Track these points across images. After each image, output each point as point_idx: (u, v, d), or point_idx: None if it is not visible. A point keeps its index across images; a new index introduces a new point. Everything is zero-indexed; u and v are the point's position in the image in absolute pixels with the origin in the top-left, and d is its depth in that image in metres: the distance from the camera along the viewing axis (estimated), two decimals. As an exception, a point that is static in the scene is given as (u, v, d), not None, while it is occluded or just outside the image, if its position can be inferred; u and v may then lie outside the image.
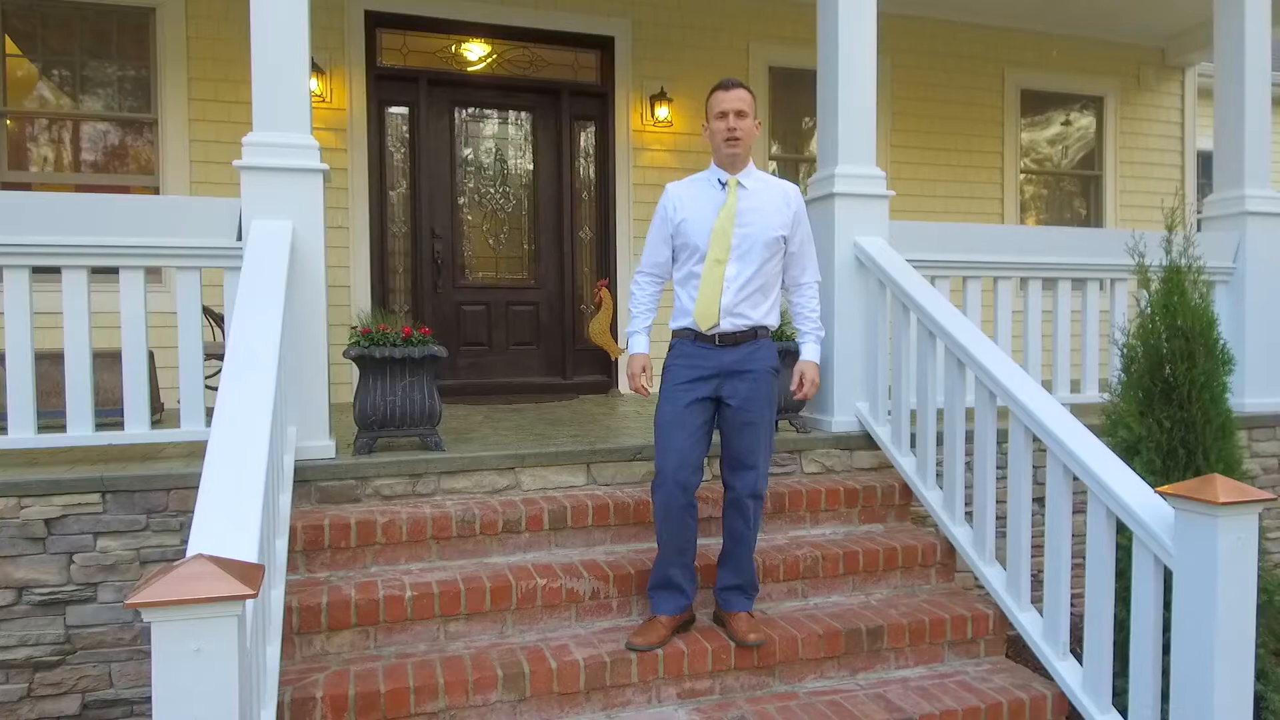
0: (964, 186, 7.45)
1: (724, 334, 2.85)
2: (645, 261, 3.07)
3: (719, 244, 2.83)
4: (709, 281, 2.83)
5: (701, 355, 2.87)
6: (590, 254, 6.74)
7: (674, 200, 2.97)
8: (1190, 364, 3.28)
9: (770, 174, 3.04)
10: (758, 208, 2.89)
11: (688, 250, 2.91)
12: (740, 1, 6.79)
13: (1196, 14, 7.17)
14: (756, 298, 2.89)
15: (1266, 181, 4.91)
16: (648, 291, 3.08)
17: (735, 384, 2.86)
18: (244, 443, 2.22)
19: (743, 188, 2.90)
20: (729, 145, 2.86)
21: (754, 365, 2.88)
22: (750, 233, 2.86)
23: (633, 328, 3.06)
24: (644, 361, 3.01)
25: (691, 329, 2.89)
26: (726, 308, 2.83)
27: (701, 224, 2.87)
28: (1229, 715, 2.38)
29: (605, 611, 3.07)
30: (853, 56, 4.00)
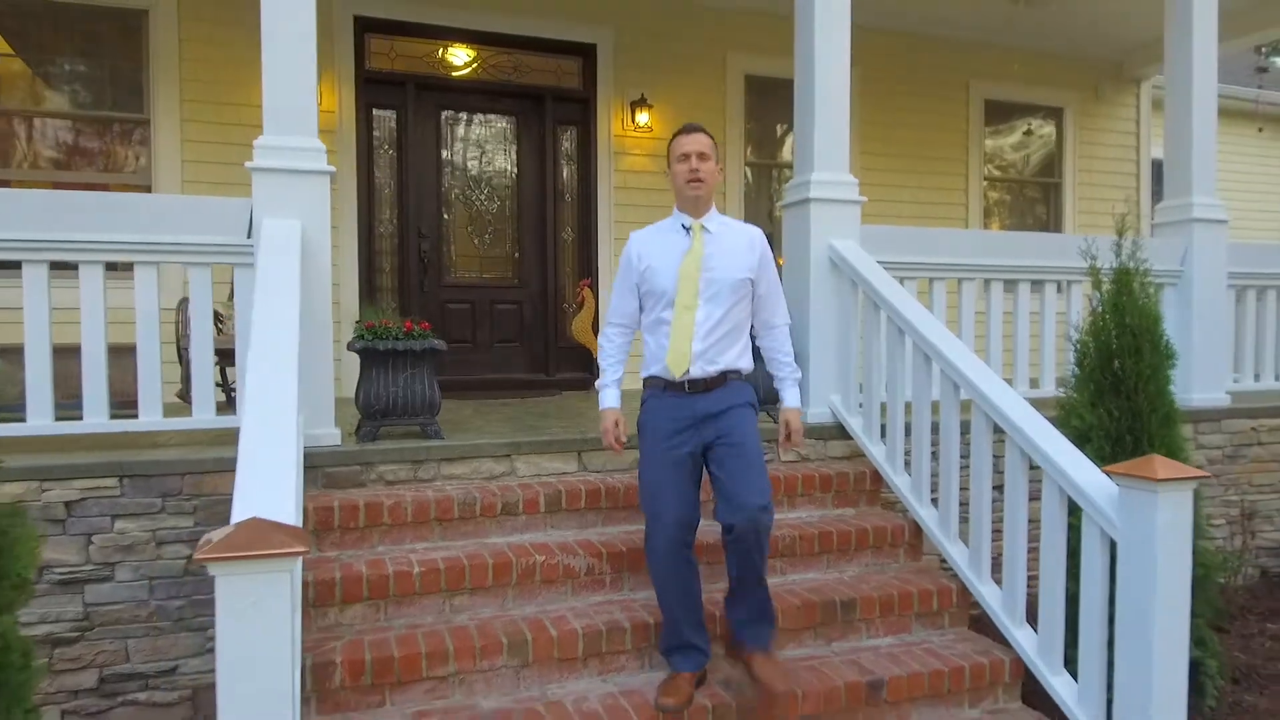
0: (930, 192, 7.76)
1: (694, 380, 2.81)
2: (613, 312, 3.03)
3: (686, 289, 2.80)
4: (679, 327, 2.80)
5: (676, 405, 2.83)
6: (572, 254, 6.96)
7: (638, 248, 2.93)
8: (1137, 358, 3.56)
9: (732, 217, 3.05)
10: (723, 251, 2.86)
11: (654, 296, 2.87)
12: (718, 13, 7.04)
13: (1152, 29, 7.51)
14: (726, 342, 2.85)
15: (1212, 190, 5.24)
16: (617, 343, 3.05)
17: (716, 423, 2.81)
18: (277, 425, 2.42)
19: (707, 231, 2.88)
20: (692, 187, 2.84)
21: (730, 402, 2.84)
22: (717, 276, 2.82)
23: (603, 380, 3.03)
24: (615, 416, 2.97)
25: (662, 377, 2.86)
26: (697, 353, 2.80)
27: (667, 270, 2.83)
28: (1167, 671, 2.64)
29: (599, 587, 3.28)
30: (828, 72, 4.26)
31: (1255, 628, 4.43)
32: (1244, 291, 5.48)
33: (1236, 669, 3.88)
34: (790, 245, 4.41)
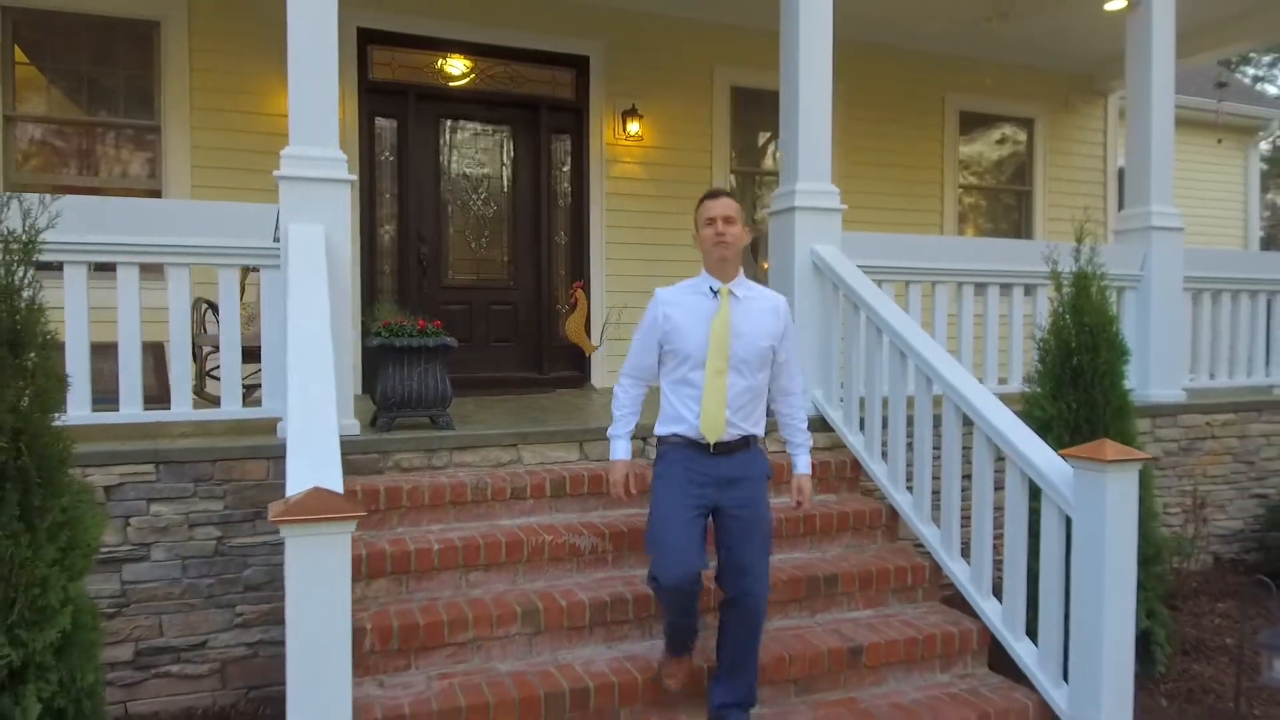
0: (907, 199, 8.10)
1: (720, 443, 2.87)
2: (630, 365, 3.07)
3: (718, 354, 2.84)
4: (712, 393, 2.84)
5: (698, 461, 2.87)
6: (566, 257, 7.23)
7: (664, 307, 2.95)
8: (1094, 355, 3.89)
9: (759, 284, 3.11)
10: (750, 318, 2.91)
11: (679, 356, 2.90)
12: (705, 27, 7.35)
13: (1118, 44, 7.76)
14: (749, 407, 2.91)
15: (1169, 199, 5.59)
16: (631, 395, 3.09)
17: (733, 491, 2.87)
18: (320, 417, 2.70)
19: (735, 297, 2.91)
20: (718, 248, 2.88)
21: (750, 472, 2.91)
22: (745, 343, 2.88)
23: (615, 431, 3.08)
24: (627, 469, 3.04)
25: (686, 436, 2.89)
26: (727, 419, 2.86)
27: (694, 332, 2.87)
28: (1116, 633, 2.96)
29: (602, 564, 3.57)
30: (812, 89, 4.57)
31: (1206, 607, 4.78)
32: (1200, 295, 5.83)
33: (1187, 642, 4.21)
34: (776, 250, 4.72)
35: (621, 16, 7.09)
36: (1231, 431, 5.73)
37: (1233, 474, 5.72)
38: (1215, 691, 3.71)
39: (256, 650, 3.68)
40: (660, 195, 7.25)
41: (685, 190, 7.36)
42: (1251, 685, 3.67)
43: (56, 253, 3.56)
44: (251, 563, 3.68)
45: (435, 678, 2.98)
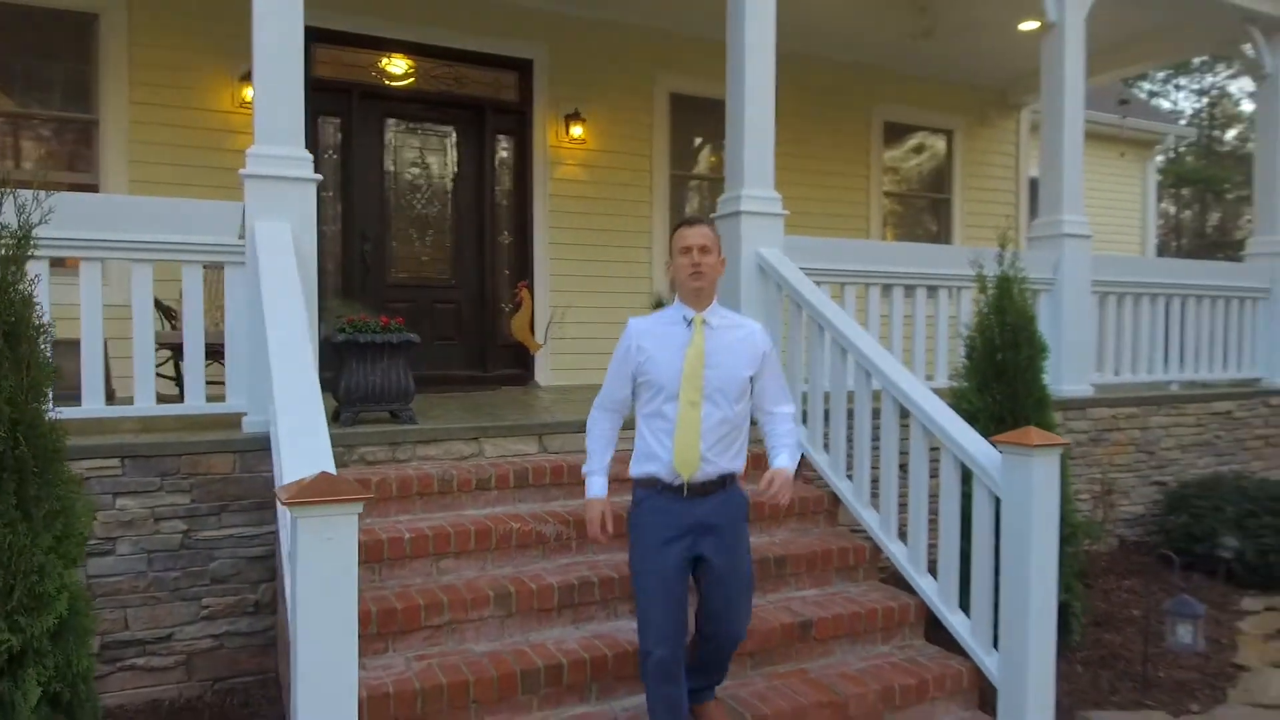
0: (836, 205, 8.45)
1: (693, 484, 2.78)
2: (605, 397, 2.98)
3: (691, 385, 2.76)
4: (685, 425, 2.75)
5: (671, 510, 2.78)
6: (509, 257, 7.35)
7: (636, 337, 2.87)
8: (1016, 351, 4.22)
9: (736, 312, 3.06)
10: (725, 347, 2.84)
11: (653, 388, 2.82)
12: (646, 35, 7.55)
13: (1031, 62, 8.31)
14: (726, 441, 2.82)
15: (1080, 209, 6.03)
16: (604, 427, 3.00)
17: (711, 539, 2.80)
18: (308, 405, 2.80)
19: (709, 326, 2.84)
20: (693, 279, 2.80)
21: (728, 517, 2.85)
22: (720, 373, 2.80)
23: (590, 466, 2.99)
24: (602, 507, 2.92)
25: (659, 478, 2.80)
26: (702, 454, 2.77)
27: (667, 363, 2.80)
28: (1041, 601, 3.26)
29: (567, 550, 3.73)
30: (756, 102, 4.82)
31: (1114, 584, 5.20)
32: (1106, 298, 6.30)
33: (1098, 615, 4.60)
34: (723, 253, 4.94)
35: (564, 22, 7.24)
36: (1135, 424, 6.21)
37: (1136, 463, 6.20)
38: (1125, 657, 4.09)
39: (222, 642, 3.73)
40: (602, 197, 7.44)
41: (627, 193, 7.58)
42: (1156, 651, 4.05)
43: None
44: (217, 556, 3.73)
45: (414, 659, 3.11)
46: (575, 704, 3.13)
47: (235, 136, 6.26)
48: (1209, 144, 36.73)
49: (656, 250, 7.67)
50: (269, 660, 3.80)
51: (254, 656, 3.78)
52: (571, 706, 3.11)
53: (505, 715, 3.01)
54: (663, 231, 7.71)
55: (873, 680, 3.39)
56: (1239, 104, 37.32)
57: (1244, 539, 5.28)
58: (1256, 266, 7.19)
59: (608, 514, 2.94)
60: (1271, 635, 4.53)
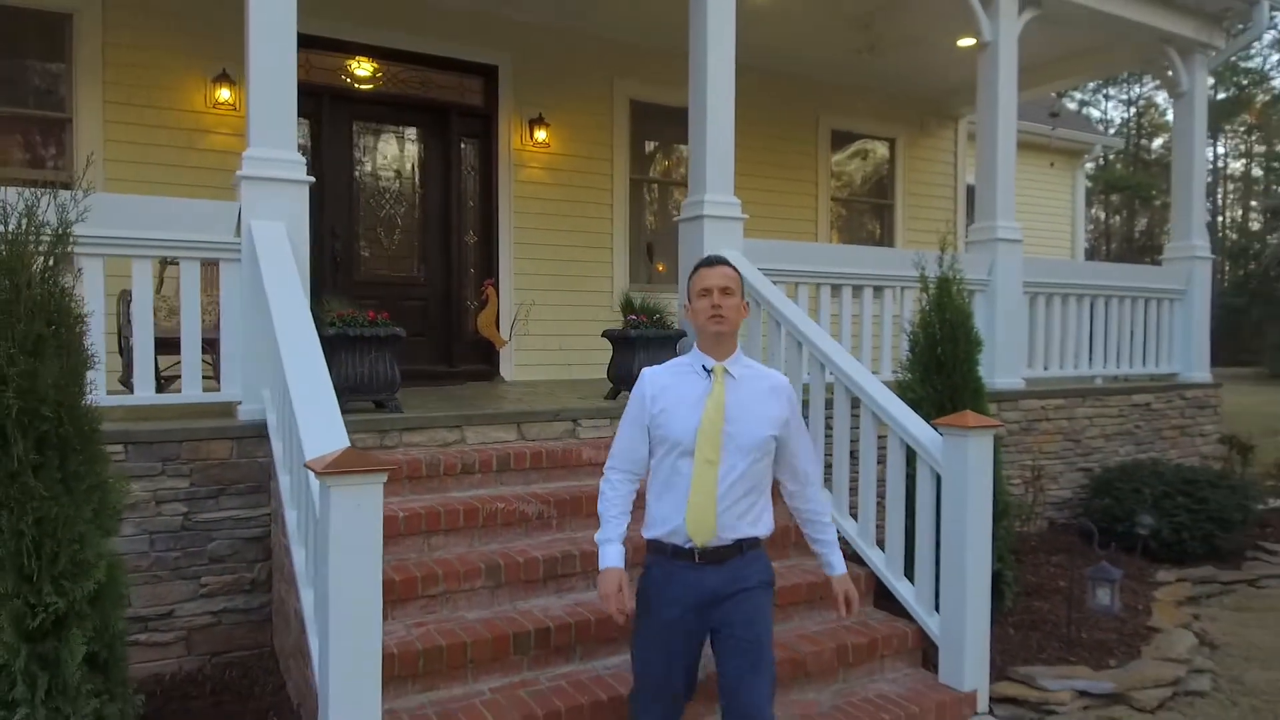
0: (787, 209, 8.86)
1: (706, 550, 2.55)
2: (619, 456, 2.72)
3: (709, 441, 2.53)
4: (701, 486, 2.52)
5: (683, 580, 2.56)
6: (475, 256, 7.59)
7: (651, 388, 2.66)
8: (955, 345, 4.63)
9: (757, 362, 2.78)
10: (748, 401, 2.61)
11: (667, 444, 2.59)
12: (607, 44, 7.86)
13: (967, 76, 8.86)
14: (745, 503, 2.58)
15: (1012, 215, 6.50)
16: (621, 492, 2.72)
17: (725, 607, 2.55)
18: (322, 391, 3.07)
19: (730, 376, 2.62)
20: (714, 323, 2.57)
21: (744, 582, 2.58)
22: (741, 429, 2.57)
23: (604, 534, 2.69)
24: (619, 578, 2.61)
25: (670, 542, 2.58)
26: (717, 517, 2.54)
27: (684, 416, 2.57)
28: (977, 568, 3.66)
29: (548, 528, 4.02)
30: (718, 113, 5.17)
31: (1043, 560, 5.66)
32: (1036, 298, 6.79)
33: (1029, 586, 5.04)
34: (685, 254, 5.28)
35: (528, 30, 7.51)
36: (1062, 414, 6.71)
37: (1063, 450, 6.70)
38: (1052, 621, 4.52)
39: (220, 619, 3.94)
40: (566, 199, 7.72)
41: (589, 195, 7.88)
42: (1080, 615, 4.49)
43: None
44: (216, 536, 3.94)
45: (412, 625, 3.37)
46: (562, 664, 3.42)
47: (209, 136, 6.42)
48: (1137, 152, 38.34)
49: (617, 251, 7.99)
50: (264, 635, 4.02)
51: (250, 632, 3.99)
52: (558, 666, 3.41)
53: (499, 674, 3.29)
54: (624, 232, 8.04)
55: (829, 640, 3.75)
56: (1165, 114, 39.04)
57: (1160, 518, 5.79)
58: (1173, 270, 7.77)
59: (626, 586, 2.61)
60: (1182, 602, 5.02)
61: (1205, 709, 3.72)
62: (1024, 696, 3.73)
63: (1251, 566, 5.85)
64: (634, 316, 5.13)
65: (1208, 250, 7.81)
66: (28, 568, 2.47)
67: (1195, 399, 7.73)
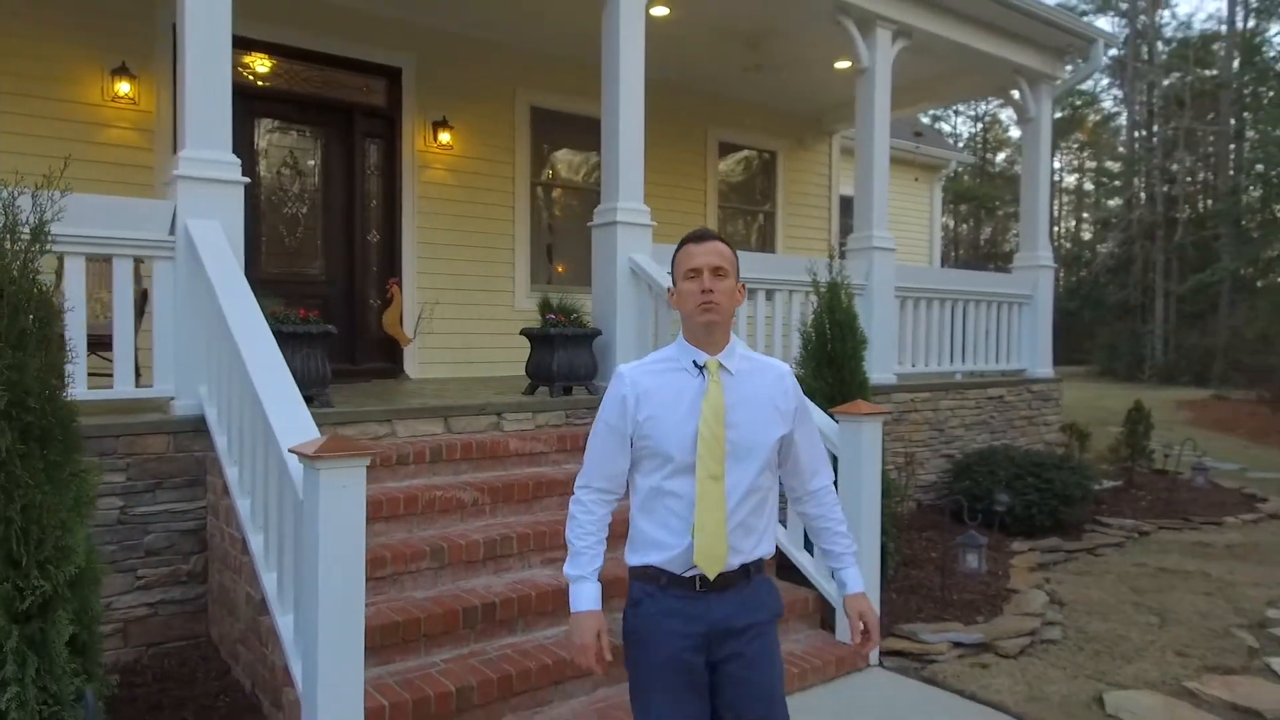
0: (678, 215, 9.30)
1: (708, 577, 2.12)
2: (592, 472, 2.26)
3: (710, 452, 2.11)
4: (709, 506, 2.10)
5: (682, 612, 2.13)
6: (378, 255, 7.69)
7: (632, 389, 2.17)
8: (843, 343, 5.17)
9: (754, 351, 2.39)
10: (749, 398, 2.18)
11: (656, 458, 2.15)
12: (509, 51, 8.09)
13: (841, 95, 9.62)
14: (754, 520, 2.17)
15: (885, 225, 7.15)
16: (595, 515, 2.25)
17: (732, 644, 2.14)
18: (285, 383, 3.24)
19: (726, 372, 2.17)
20: (704, 311, 2.12)
21: (753, 616, 2.17)
22: (744, 434, 2.15)
23: (575, 568, 2.22)
24: (598, 626, 2.17)
25: (664, 569, 2.14)
26: (728, 540, 2.12)
27: (676, 424, 2.13)
28: (871, 536, 4.16)
29: (482, 514, 4.28)
30: (630, 126, 5.55)
31: (916, 536, 6.30)
32: (905, 301, 7.48)
33: (905, 558, 5.64)
34: (600, 258, 5.63)
35: (432, 33, 7.67)
36: (928, 406, 7.43)
37: (929, 439, 7.42)
38: (927, 587, 5.11)
39: (157, 610, 4.02)
40: (469, 201, 7.92)
41: (491, 197, 8.10)
42: (951, 581, 5.10)
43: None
44: (152, 530, 4.01)
45: (366, 605, 3.57)
46: (507, 635, 3.71)
47: (106, 130, 6.31)
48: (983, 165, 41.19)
49: (519, 252, 8.24)
50: (200, 626, 4.11)
51: (186, 622, 4.08)
52: (504, 637, 3.69)
53: (450, 646, 3.55)
54: (525, 233, 8.30)
55: (742, 608, 4.17)
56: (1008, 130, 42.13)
57: (1013, 497, 6.54)
58: (1021, 277, 8.68)
59: (604, 635, 2.19)
60: (1034, 568, 5.74)
61: (1057, 654, 4.36)
62: (908, 649, 4.26)
63: (1090, 537, 6.68)
64: (552, 315, 5.43)
65: (1051, 260, 8.76)
66: (16, 553, 2.58)
67: (1040, 392, 8.65)
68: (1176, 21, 32.85)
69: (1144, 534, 6.94)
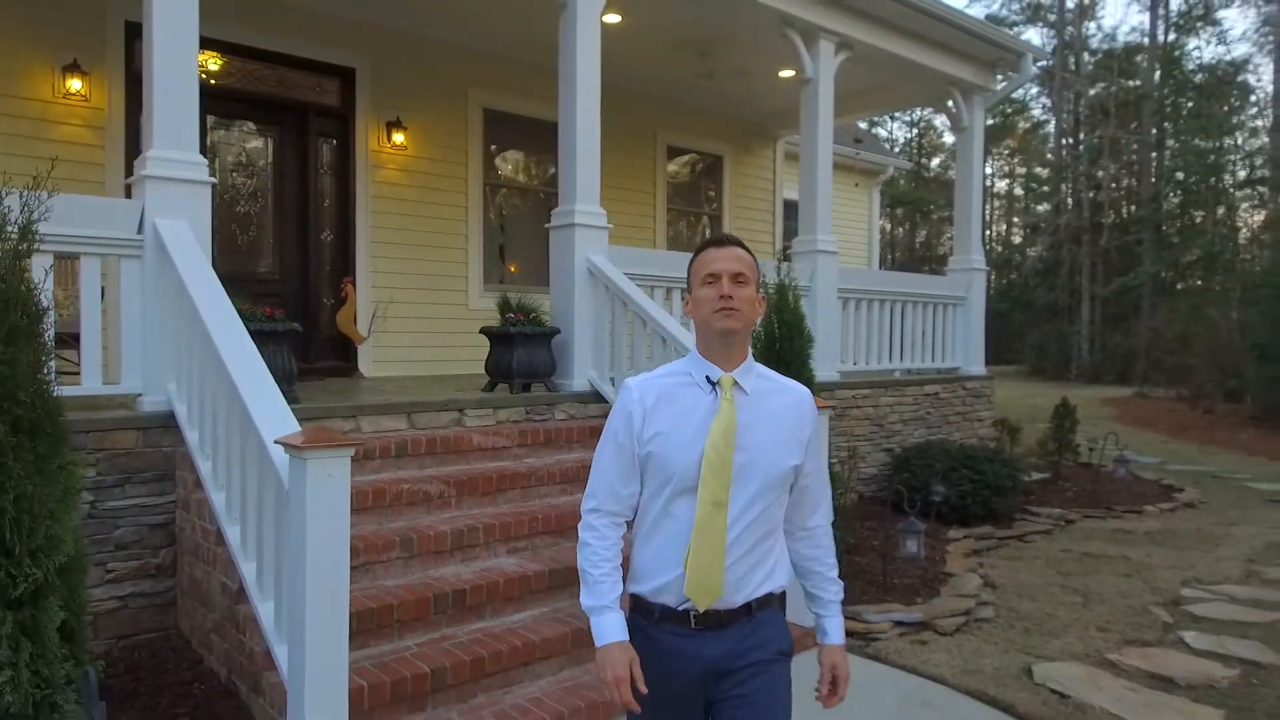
0: (627, 216, 9.51)
1: (711, 611, 1.99)
2: (602, 494, 2.07)
3: (716, 477, 1.96)
4: (706, 535, 1.95)
5: (676, 653, 2.00)
6: (332, 254, 7.74)
7: (641, 404, 2.04)
8: (791, 342, 5.42)
9: (774, 371, 2.16)
10: (764, 421, 2.02)
11: (661, 478, 2.01)
12: (462, 53, 8.21)
13: (784, 102, 9.92)
14: (759, 553, 2.02)
15: (829, 229, 7.46)
16: (609, 540, 2.07)
17: (731, 685, 2.01)
18: (266, 381, 3.36)
19: (741, 391, 2.02)
20: (722, 318, 1.98)
21: (758, 654, 2.01)
22: (756, 459, 1.99)
23: (594, 599, 2.04)
24: (628, 657, 1.98)
25: (659, 602, 2.02)
26: (727, 572, 1.98)
27: (686, 444, 1.98)
28: (816, 525, 4.41)
29: (448, 506, 4.43)
30: (587, 132, 5.74)
31: (859, 525, 6.60)
32: (848, 302, 7.80)
33: (849, 546, 5.91)
34: (558, 259, 5.81)
35: (386, 35, 7.74)
36: (869, 403, 7.76)
37: (871, 434, 7.75)
38: (870, 572, 5.40)
39: (126, 603, 4.08)
40: (422, 200, 8.01)
41: (445, 197, 8.21)
42: (892, 566, 5.39)
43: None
44: (122, 524, 4.07)
45: (339, 593, 3.71)
46: (476, 620, 3.86)
47: (58, 127, 6.28)
48: (918, 170, 42.25)
49: (472, 251, 8.36)
50: (170, 618, 4.18)
51: (155, 615, 4.15)
52: (474, 622, 3.85)
53: (422, 631, 3.70)
54: (479, 233, 8.42)
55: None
56: (941, 136, 43.33)
57: (949, 488, 6.89)
58: (955, 279, 9.08)
59: (637, 667, 1.98)
60: (969, 553, 6.08)
61: (990, 631, 4.67)
62: (854, 629, 4.53)
63: (1020, 525, 7.07)
64: (512, 314, 5.59)
65: (984, 263, 9.19)
66: (9, 542, 2.66)
67: (974, 389, 9.07)
68: (1102, 34, 34.26)
69: (1070, 522, 7.36)
